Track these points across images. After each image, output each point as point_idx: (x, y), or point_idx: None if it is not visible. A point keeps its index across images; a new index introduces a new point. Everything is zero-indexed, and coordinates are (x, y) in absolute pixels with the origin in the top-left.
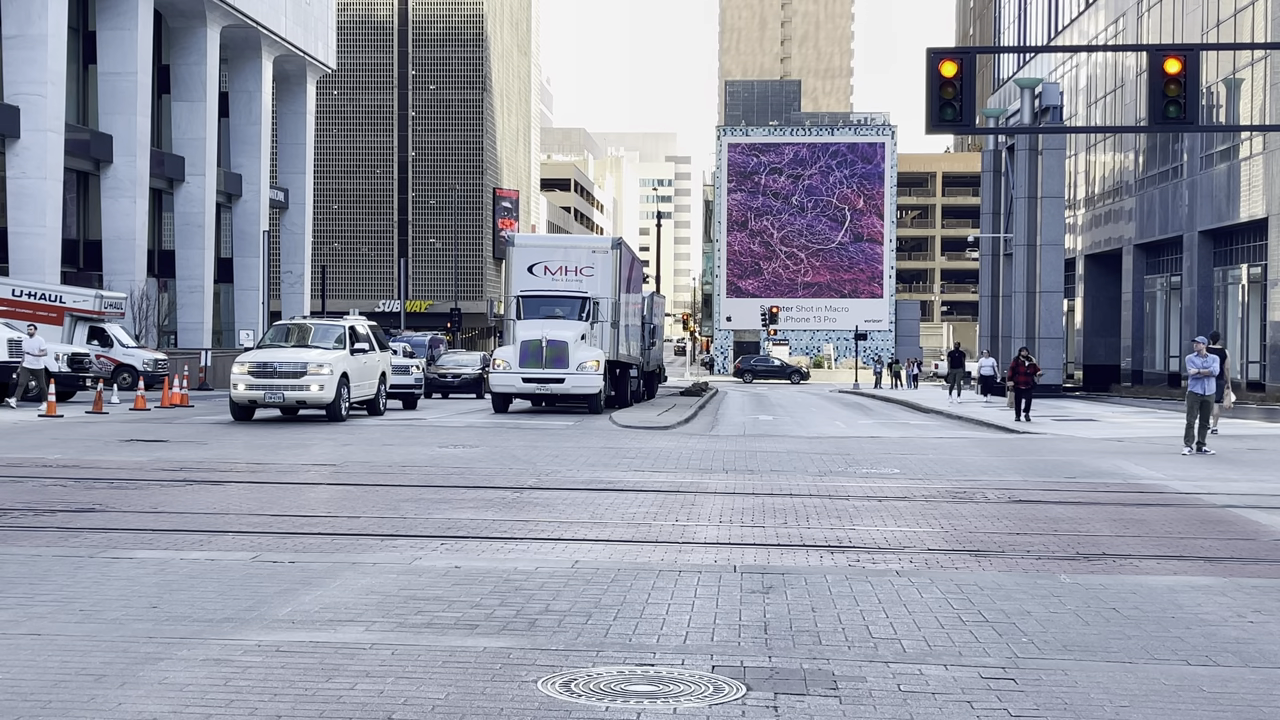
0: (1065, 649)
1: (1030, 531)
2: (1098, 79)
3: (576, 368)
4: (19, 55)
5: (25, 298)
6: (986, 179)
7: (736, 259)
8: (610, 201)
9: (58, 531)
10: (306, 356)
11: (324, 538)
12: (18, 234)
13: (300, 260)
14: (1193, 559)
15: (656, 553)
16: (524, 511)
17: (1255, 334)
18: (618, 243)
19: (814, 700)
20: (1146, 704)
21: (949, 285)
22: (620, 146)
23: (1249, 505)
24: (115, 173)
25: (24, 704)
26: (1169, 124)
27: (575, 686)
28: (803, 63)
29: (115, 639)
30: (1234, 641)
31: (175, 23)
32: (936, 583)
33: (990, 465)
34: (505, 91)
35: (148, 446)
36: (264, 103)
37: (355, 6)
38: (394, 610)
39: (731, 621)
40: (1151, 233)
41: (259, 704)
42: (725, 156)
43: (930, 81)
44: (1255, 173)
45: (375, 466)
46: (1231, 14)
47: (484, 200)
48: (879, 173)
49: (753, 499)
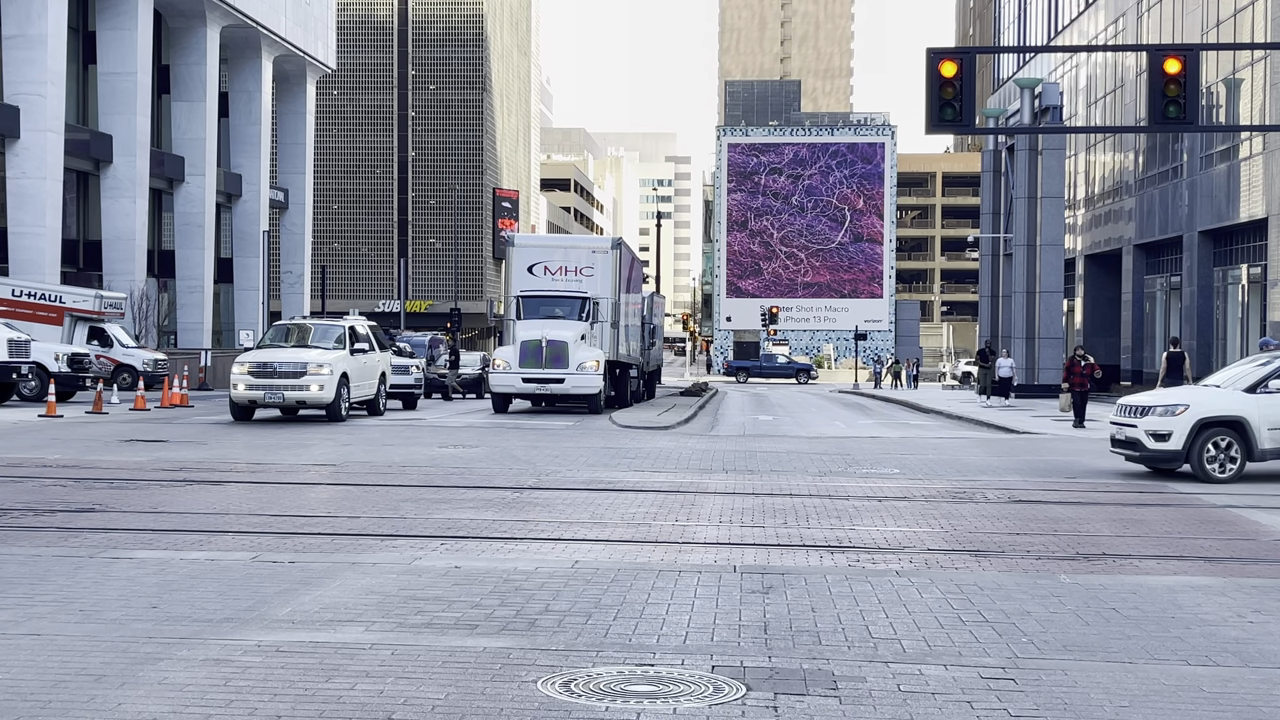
0: (1065, 649)
1: (1030, 531)
2: (1098, 79)
3: (576, 368)
4: (19, 55)
5: (25, 298)
6: (986, 179)
7: (736, 259)
8: (610, 201)
9: (58, 531)
10: (306, 357)
11: (324, 538)
12: (18, 234)
13: (300, 260)
14: (1193, 559)
15: (656, 553)
16: (524, 511)
17: (1255, 334)
18: (618, 243)
19: (814, 700)
20: (1146, 704)
21: (949, 285)
22: (620, 146)
23: (1249, 505)
24: (115, 173)
25: (24, 704)
26: (1169, 124)
27: (575, 686)
28: (802, 63)
29: (115, 639)
30: (1234, 641)
31: (175, 23)
32: (936, 583)
33: (990, 465)
34: (505, 91)
35: (148, 446)
36: (264, 103)
37: (355, 6)
38: (394, 610)
39: (731, 621)
40: (1151, 233)
41: (259, 704)
42: (725, 156)
43: (930, 81)
44: (1255, 173)
45: (375, 466)
46: (1231, 14)
47: (484, 200)
48: (879, 173)
49: (753, 499)
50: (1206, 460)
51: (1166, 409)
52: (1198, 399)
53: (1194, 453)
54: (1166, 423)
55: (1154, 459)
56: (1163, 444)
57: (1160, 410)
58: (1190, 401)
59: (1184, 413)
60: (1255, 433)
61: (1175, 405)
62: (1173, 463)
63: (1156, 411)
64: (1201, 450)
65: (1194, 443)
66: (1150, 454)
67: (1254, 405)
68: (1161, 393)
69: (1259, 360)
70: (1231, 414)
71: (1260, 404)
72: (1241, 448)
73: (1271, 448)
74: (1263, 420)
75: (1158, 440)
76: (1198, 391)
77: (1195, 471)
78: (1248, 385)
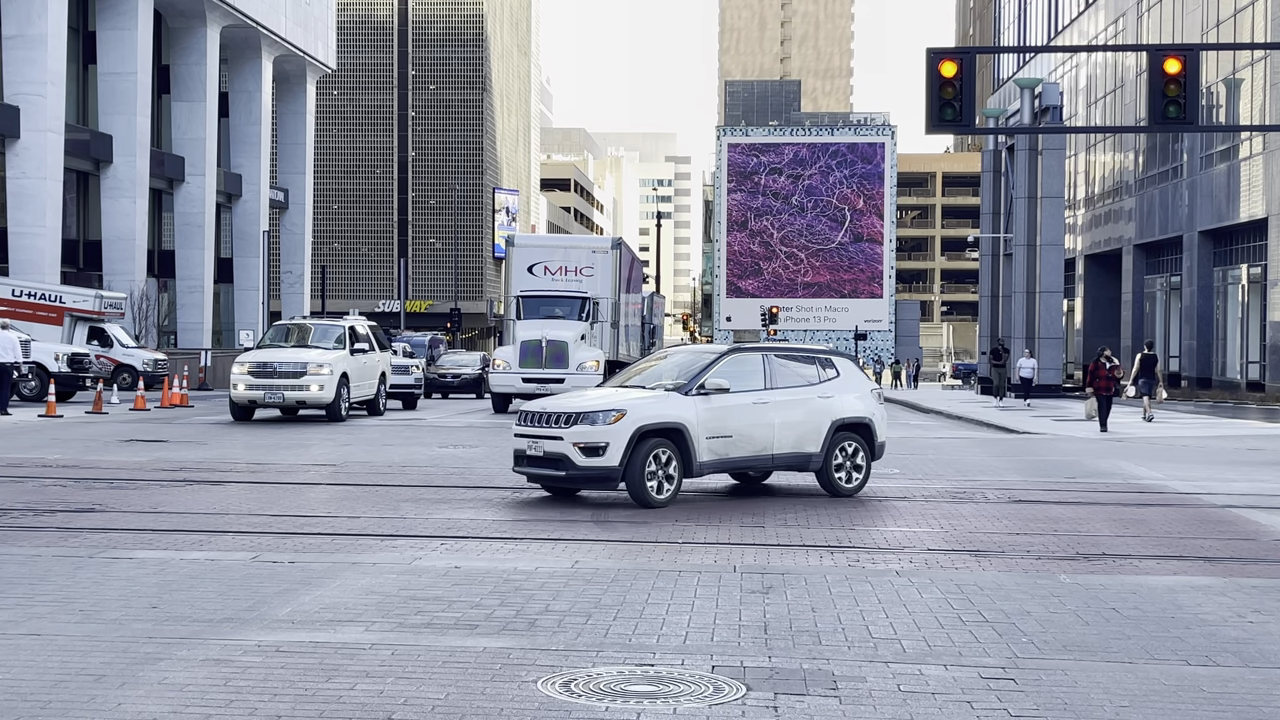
0: (1065, 649)
1: (1030, 531)
2: (1098, 79)
3: (576, 368)
4: (19, 55)
5: (25, 298)
6: (986, 179)
7: (736, 259)
8: (610, 201)
9: (58, 531)
10: (306, 357)
11: (324, 538)
12: (18, 234)
13: (300, 260)
14: (1193, 559)
15: (656, 553)
16: (524, 511)
17: (1255, 334)
18: (617, 243)
19: (814, 700)
20: (1146, 704)
21: (949, 285)
22: (620, 146)
23: (1249, 505)
24: (115, 173)
25: (24, 704)
26: (1169, 124)
27: (575, 686)
28: (802, 63)
29: (115, 639)
30: (1234, 641)
31: (175, 23)
32: (936, 583)
33: (990, 465)
34: (505, 91)
35: (147, 446)
36: (264, 103)
37: (355, 6)
38: (394, 610)
39: (731, 622)
40: (1151, 233)
41: (259, 704)
42: (725, 156)
43: (930, 81)
44: (1255, 173)
45: (375, 466)
46: (1231, 14)
47: (484, 200)
48: (879, 173)
49: (752, 499)
50: (647, 478)
51: (601, 414)
52: (634, 402)
53: (633, 469)
54: (601, 433)
55: (583, 479)
56: (596, 459)
57: (594, 416)
58: (627, 405)
59: (621, 419)
60: (694, 443)
61: (610, 410)
62: (607, 483)
63: (589, 419)
64: (643, 466)
65: (632, 457)
66: (580, 472)
67: (692, 409)
68: (589, 395)
69: (697, 350)
70: (671, 420)
71: (698, 407)
72: (680, 462)
73: (710, 460)
74: (702, 428)
75: (589, 455)
76: (632, 393)
77: (632, 493)
78: (684, 385)
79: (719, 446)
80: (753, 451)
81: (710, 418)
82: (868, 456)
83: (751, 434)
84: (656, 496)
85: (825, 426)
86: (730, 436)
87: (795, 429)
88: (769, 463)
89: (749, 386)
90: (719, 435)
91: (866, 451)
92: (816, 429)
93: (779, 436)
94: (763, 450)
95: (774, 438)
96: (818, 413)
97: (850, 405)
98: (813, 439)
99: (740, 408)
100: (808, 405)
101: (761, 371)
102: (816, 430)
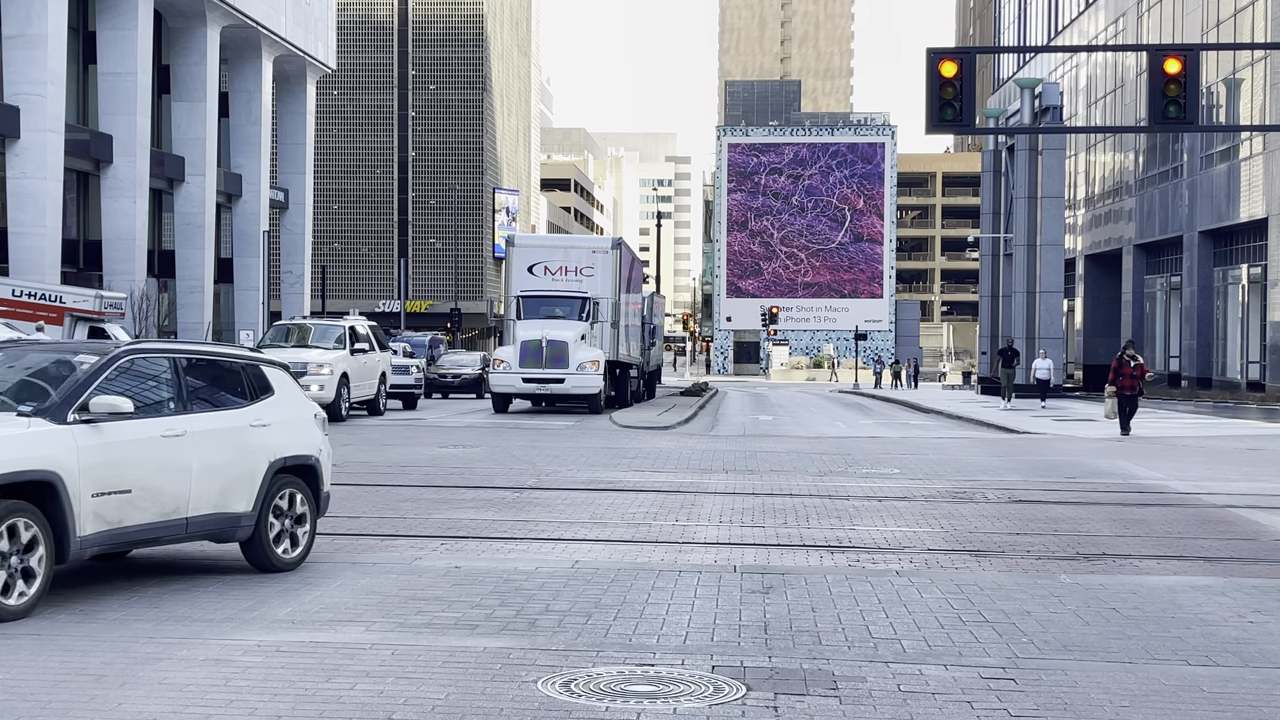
0: (1065, 649)
1: (1030, 531)
2: (1098, 79)
3: (576, 368)
4: (19, 55)
5: (25, 298)
6: (986, 179)
7: (736, 259)
8: (610, 201)
9: None
10: (306, 357)
11: (324, 537)
12: (18, 234)
13: (300, 260)
14: (1193, 559)
15: (656, 553)
16: (524, 511)
17: (1255, 334)
18: (618, 243)
19: (814, 700)
20: (1146, 704)
21: (949, 285)
22: (620, 146)
23: (1249, 505)
24: (115, 173)
25: (24, 704)
26: (1169, 124)
27: (575, 686)
28: (803, 63)
29: (115, 639)
30: (1234, 641)
31: (175, 23)
32: (936, 583)
33: (990, 465)
34: (505, 91)
35: None
36: (264, 103)
37: (355, 6)
38: (394, 610)
39: (731, 621)
40: (1151, 233)
41: (259, 704)
42: (725, 156)
43: (930, 81)
44: (1255, 173)
45: (375, 466)
46: (1231, 14)
47: (484, 200)
48: (879, 173)
49: (753, 499)
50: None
51: None
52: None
53: None
54: None
55: None
56: None
57: None
58: None
59: None
60: (73, 506)
61: None
62: None
63: None
64: None
65: None
66: None
67: (71, 447)
68: None
69: (60, 346)
70: (32, 468)
71: (80, 443)
72: (47, 542)
73: (98, 533)
74: (87, 479)
75: None
76: None
77: None
78: (54, 405)
79: (113, 509)
80: (160, 514)
81: (102, 461)
82: (313, 509)
83: (160, 486)
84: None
85: (261, 470)
86: (130, 491)
87: (220, 476)
88: (180, 531)
89: (154, 409)
90: (113, 490)
91: (311, 503)
92: (250, 474)
93: (198, 489)
94: (173, 513)
95: (190, 491)
96: (251, 450)
97: (292, 438)
98: (243, 491)
99: (146, 443)
100: (239, 439)
101: (173, 384)
102: (250, 477)
